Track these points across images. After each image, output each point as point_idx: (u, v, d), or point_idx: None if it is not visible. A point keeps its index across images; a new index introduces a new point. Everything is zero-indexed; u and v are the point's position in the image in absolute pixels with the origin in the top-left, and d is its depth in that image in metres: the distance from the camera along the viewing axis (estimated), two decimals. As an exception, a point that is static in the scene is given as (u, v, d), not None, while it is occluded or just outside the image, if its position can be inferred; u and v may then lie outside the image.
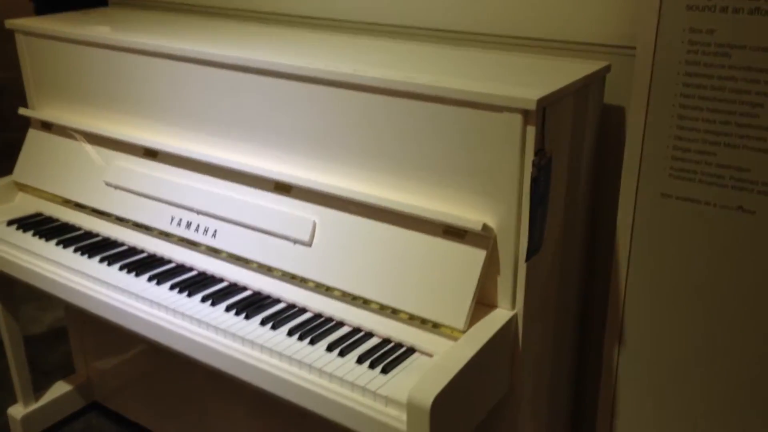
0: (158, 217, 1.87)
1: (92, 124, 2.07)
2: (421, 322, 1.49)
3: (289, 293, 1.66)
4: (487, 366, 1.41)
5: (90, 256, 1.86)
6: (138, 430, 2.48)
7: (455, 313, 1.43)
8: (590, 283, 1.83)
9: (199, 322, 1.58)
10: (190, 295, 1.68)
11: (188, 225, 1.82)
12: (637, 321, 1.67)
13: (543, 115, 1.33)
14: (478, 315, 1.45)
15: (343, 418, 1.37)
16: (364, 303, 1.57)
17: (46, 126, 2.17)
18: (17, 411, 2.39)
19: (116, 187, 1.96)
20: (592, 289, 1.83)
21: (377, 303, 1.53)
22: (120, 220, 1.96)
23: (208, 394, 2.22)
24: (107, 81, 2.01)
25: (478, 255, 1.43)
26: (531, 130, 1.34)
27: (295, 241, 1.65)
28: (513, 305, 1.46)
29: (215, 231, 1.77)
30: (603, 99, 1.64)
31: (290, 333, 1.53)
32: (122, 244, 1.93)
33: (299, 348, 1.48)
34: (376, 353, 1.46)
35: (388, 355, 1.45)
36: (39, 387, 2.46)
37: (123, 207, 1.94)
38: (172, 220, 1.85)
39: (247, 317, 1.59)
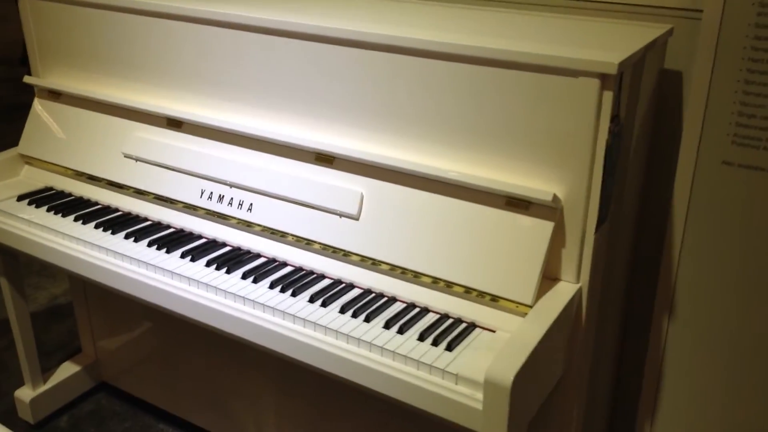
0: (186, 190, 1.78)
1: (107, 92, 1.95)
2: (477, 296, 1.44)
3: (333, 268, 1.59)
4: (555, 341, 1.37)
5: (114, 232, 1.76)
6: (149, 409, 2.40)
7: (522, 288, 1.38)
8: (639, 253, 1.79)
9: (245, 299, 1.51)
10: (228, 271, 1.60)
11: (220, 198, 1.73)
12: (689, 294, 1.64)
13: (620, 80, 1.28)
14: (542, 288, 1.40)
15: (410, 397, 1.32)
16: (414, 277, 1.51)
17: (54, 95, 2.05)
18: (25, 394, 2.29)
19: (137, 159, 1.86)
20: (640, 260, 1.80)
21: (433, 277, 1.47)
22: (139, 193, 1.86)
23: (221, 370, 2.16)
24: (124, 47, 1.89)
25: (546, 227, 1.37)
26: (608, 96, 1.28)
27: (341, 215, 1.57)
28: (578, 278, 1.42)
29: (251, 205, 1.69)
30: (663, 63, 1.58)
31: (342, 310, 1.46)
32: (145, 219, 1.83)
33: (355, 326, 1.42)
34: (436, 329, 1.40)
35: (449, 332, 1.40)
36: (42, 368, 2.36)
37: (146, 180, 1.84)
38: (202, 193, 1.75)
39: (294, 294, 1.51)
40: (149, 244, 1.70)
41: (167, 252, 1.68)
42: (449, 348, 1.35)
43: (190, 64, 1.79)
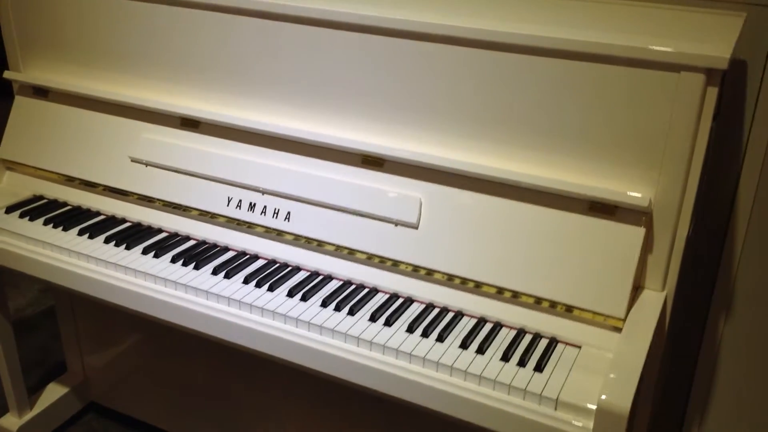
0: (210, 198, 1.60)
1: (105, 89, 1.75)
2: (553, 308, 1.34)
3: (385, 281, 1.46)
4: (652, 357, 1.27)
5: (129, 247, 1.58)
6: (145, 428, 2.22)
7: (612, 300, 1.28)
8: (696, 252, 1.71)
9: (298, 321, 1.36)
10: (271, 289, 1.44)
11: (251, 207, 1.56)
12: (746, 295, 1.58)
13: (723, 75, 1.18)
14: (626, 298, 1.31)
15: (500, 424, 1.21)
16: (476, 287, 1.39)
17: (40, 92, 1.83)
18: (11, 422, 2.07)
19: (148, 164, 1.67)
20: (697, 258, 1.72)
21: (508, 290, 1.36)
22: (145, 200, 1.67)
23: (217, 385, 2.02)
24: (126, 36, 1.69)
25: (637, 234, 1.27)
26: (712, 92, 1.18)
27: (398, 223, 1.44)
28: (664, 286, 1.33)
29: (288, 213, 1.53)
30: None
31: (410, 329, 1.34)
32: (159, 230, 1.65)
33: (429, 347, 1.29)
34: (517, 347, 1.29)
35: (532, 349, 1.29)
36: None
37: (158, 187, 1.66)
38: (229, 201, 1.58)
39: (352, 313, 1.38)
40: (173, 260, 1.53)
41: (196, 268, 1.51)
42: (539, 369, 1.24)
43: (209, 57, 1.61)
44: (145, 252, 1.56)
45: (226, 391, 2.02)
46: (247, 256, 1.56)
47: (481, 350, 1.28)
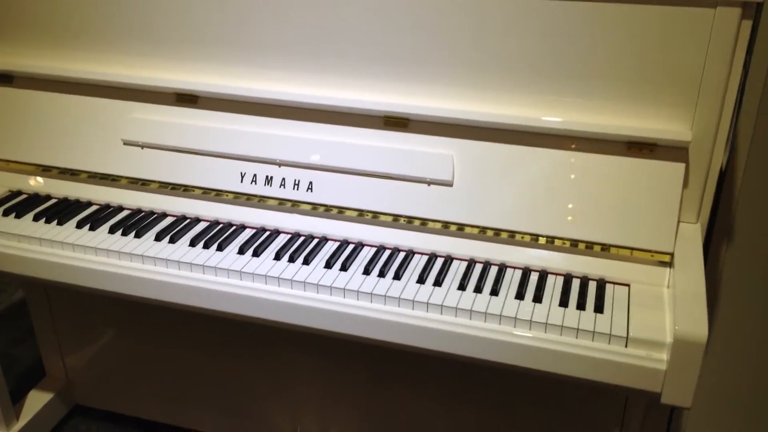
0: (221, 176, 1.52)
1: (84, 68, 1.61)
2: (593, 249, 1.36)
3: (421, 242, 1.44)
4: (704, 285, 1.32)
5: (138, 235, 1.48)
6: (136, 424, 2.12)
7: (660, 236, 1.31)
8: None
9: (345, 291, 1.32)
10: (306, 262, 1.40)
11: (268, 181, 1.50)
12: (746, 222, 1.66)
13: (758, 7, 1.22)
14: (666, 233, 1.35)
15: (573, 369, 1.22)
16: (516, 238, 1.40)
17: (2, 79, 1.67)
18: (0, 437, 1.93)
19: (144, 146, 1.57)
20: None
21: (550, 237, 1.37)
22: (143, 185, 1.57)
23: (202, 369, 1.97)
24: (104, 10, 1.57)
25: (677, 169, 1.31)
26: (746, 26, 1.22)
27: (431, 182, 1.42)
28: (698, 218, 1.38)
29: (310, 183, 1.48)
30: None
31: (462, 287, 1.33)
32: (164, 215, 1.56)
33: (487, 302, 1.29)
34: (570, 292, 1.31)
35: (585, 293, 1.31)
36: None
37: (160, 170, 1.56)
38: (242, 177, 1.51)
39: (398, 277, 1.35)
40: (191, 243, 1.45)
41: (219, 249, 1.43)
42: (599, 310, 1.27)
43: (202, 23, 1.51)
44: (158, 238, 1.47)
45: (223, 371, 1.95)
46: (268, 232, 1.50)
47: (538, 299, 1.29)
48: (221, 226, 1.52)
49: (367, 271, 1.37)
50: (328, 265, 1.39)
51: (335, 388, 1.88)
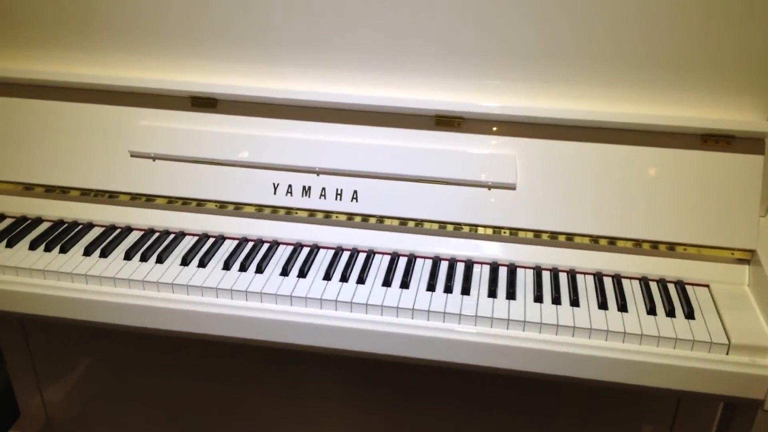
0: (251, 188, 1.36)
1: (78, 72, 1.41)
2: (668, 249, 1.28)
3: (479, 251, 1.33)
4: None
5: (160, 260, 1.30)
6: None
7: (741, 233, 1.25)
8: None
9: (430, 313, 1.19)
10: (361, 281, 1.26)
11: (306, 191, 1.35)
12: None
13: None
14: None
15: (674, 381, 1.14)
16: (587, 242, 1.31)
17: (-27, 86, 1.44)
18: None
19: (156, 158, 1.38)
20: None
21: (623, 240, 1.29)
22: (147, 201, 1.39)
23: (199, 397, 1.82)
24: (103, 4, 1.37)
25: (756, 162, 1.25)
26: (833, 8, 1.16)
27: (492, 186, 1.30)
28: (766, 211, 1.32)
29: (354, 192, 1.34)
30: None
31: (538, 299, 1.22)
32: (182, 234, 1.38)
33: (570, 314, 1.19)
34: (654, 298, 1.23)
35: (668, 298, 1.23)
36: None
37: (177, 184, 1.38)
38: (275, 188, 1.35)
39: (467, 292, 1.23)
40: (225, 267, 1.28)
41: (259, 272, 1.27)
42: (690, 316, 1.19)
43: (220, 16, 1.34)
44: (184, 262, 1.30)
45: (221, 397, 1.79)
46: (307, 248, 1.35)
47: (624, 308, 1.21)
48: (252, 243, 1.36)
49: (431, 287, 1.24)
50: (387, 282, 1.25)
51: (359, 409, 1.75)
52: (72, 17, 1.38)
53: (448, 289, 1.24)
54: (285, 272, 1.27)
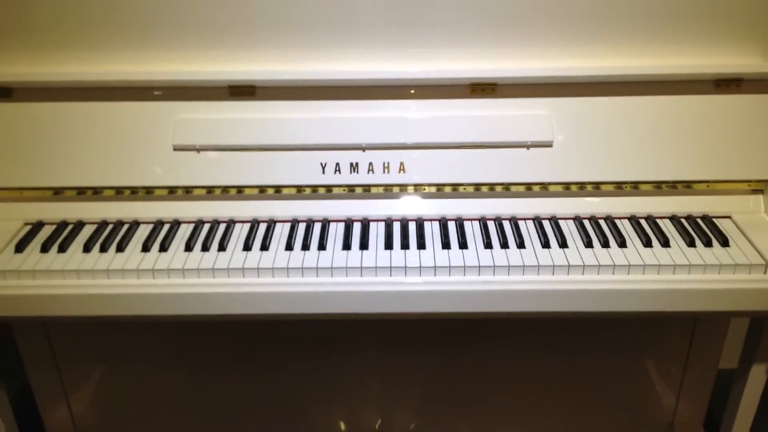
0: (299, 170, 1.40)
1: (105, 70, 1.40)
2: (685, 187, 1.40)
3: (521, 208, 1.42)
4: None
5: (222, 248, 1.32)
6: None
7: (756, 165, 1.39)
8: None
9: (495, 268, 1.27)
10: (421, 246, 1.32)
11: (354, 168, 1.40)
12: None
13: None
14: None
15: (725, 303, 1.26)
16: (617, 188, 1.41)
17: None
18: None
19: (201, 149, 1.40)
20: None
21: (651, 183, 1.40)
22: (186, 192, 1.41)
23: (254, 381, 1.83)
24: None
25: (763, 100, 1.38)
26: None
27: (531, 145, 1.39)
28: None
29: (401, 164, 1.40)
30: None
31: (588, 244, 1.32)
32: (233, 222, 1.40)
33: (619, 254, 1.29)
34: (689, 233, 1.35)
35: (702, 231, 1.36)
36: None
37: (223, 173, 1.40)
38: (323, 168, 1.40)
39: (522, 246, 1.32)
40: (290, 246, 1.32)
41: (321, 248, 1.32)
42: (726, 244, 1.32)
43: (253, 5, 1.37)
44: (246, 247, 1.32)
45: (268, 382, 1.82)
46: (362, 223, 1.40)
47: (666, 244, 1.32)
48: (305, 224, 1.39)
49: (489, 245, 1.32)
50: (446, 245, 1.32)
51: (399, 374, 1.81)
52: (99, 15, 1.37)
53: (505, 245, 1.32)
54: (347, 246, 1.32)
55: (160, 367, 1.80)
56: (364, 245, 1.32)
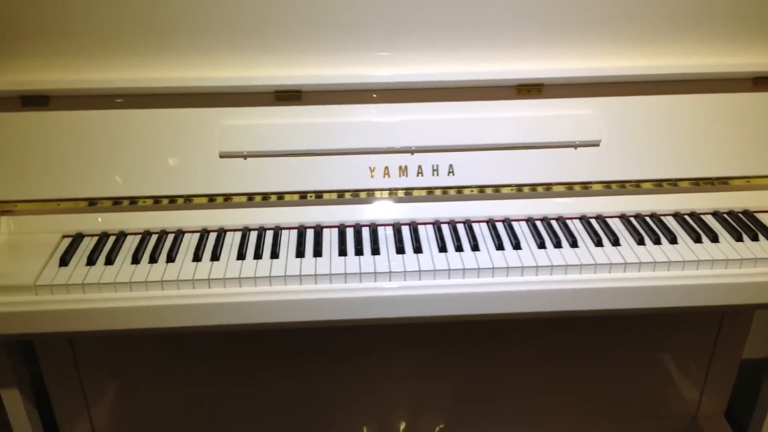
0: (347, 175, 1.39)
1: (147, 76, 1.37)
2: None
3: (568, 208, 1.43)
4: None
5: (275, 255, 1.30)
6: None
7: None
8: None
9: (553, 268, 1.28)
10: (476, 248, 1.32)
11: (403, 171, 1.39)
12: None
13: None
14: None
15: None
16: (656, 186, 1.44)
17: (34, 102, 1.37)
18: None
19: (248, 156, 1.37)
20: None
21: (695, 180, 1.43)
22: (226, 200, 1.39)
23: (286, 385, 1.81)
24: (170, 3, 1.34)
25: (802, 97, 1.42)
26: None
27: (578, 145, 1.40)
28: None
29: (450, 166, 1.40)
30: None
31: (640, 242, 1.34)
32: (278, 229, 1.38)
33: (674, 251, 1.32)
34: (735, 227, 1.37)
35: (745, 225, 1.38)
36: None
37: (270, 179, 1.38)
38: (372, 171, 1.39)
39: (575, 245, 1.33)
40: (343, 252, 1.31)
41: (375, 253, 1.31)
42: (772, 238, 1.35)
43: (297, 6, 1.35)
44: (299, 254, 1.31)
45: (298, 386, 1.80)
46: (410, 226, 1.39)
47: (715, 239, 1.34)
48: (353, 228, 1.38)
49: (542, 245, 1.33)
50: (499, 246, 1.32)
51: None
52: (139, 19, 1.34)
53: (558, 244, 1.33)
54: (401, 250, 1.32)
55: (182, 379, 1.77)
56: (418, 249, 1.32)
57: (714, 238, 1.34)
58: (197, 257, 1.30)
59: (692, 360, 1.83)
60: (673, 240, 1.34)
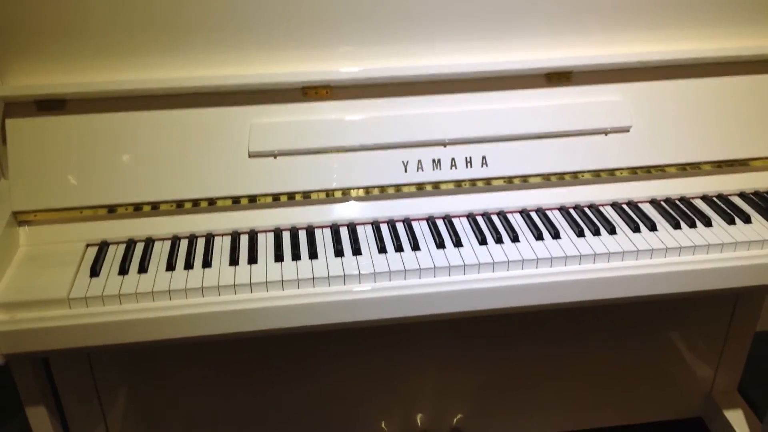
0: (381, 170, 1.36)
1: (169, 75, 1.32)
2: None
3: (597, 194, 1.43)
4: None
5: (313, 256, 1.27)
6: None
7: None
8: None
9: (596, 256, 1.27)
10: (515, 239, 1.31)
11: (436, 164, 1.37)
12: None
13: None
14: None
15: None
16: (680, 170, 1.45)
17: (51, 106, 1.30)
18: None
19: (278, 154, 1.34)
20: None
21: (715, 163, 1.44)
22: (251, 201, 1.35)
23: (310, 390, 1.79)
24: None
25: (823, 76, 1.44)
26: None
27: (609, 131, 1.40)
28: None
29: (483, 158, 1.38)
30: None
31: (677, 226, 1.34)
32: (311, 228, 1.35)
33: (710, 233, 1.32)
34: (763, 208, 1.39)
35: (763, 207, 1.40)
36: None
37: (302, 178, 1.35)
38: (405, 166, 1.36)
39: (614, 231, 1.33)
40: (383, 249, 1.28)
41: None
42: (800, 218, 1.37)
43: (327, 4, 1.31)
44: (338, 254, 1.27)
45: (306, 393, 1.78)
46: (444, 220, 1.37)
47: (748, 220, 1.36)
48: (387, 224, 1.36)
49: (581, 233, 1.33)
50: (539, 236, 1.32)
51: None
52: (158, 18, 1.29)
53: (596, 232, 1.33)
54: (441, 245, 1.30)
55: (200, 387, 1.73)
56: (458, 242, 1.30)
57: (746, 220, 1.36)
58: (234, 261, 1.26)
59: (707, 339, 1.85)
60: (707, 223, 1.35)
